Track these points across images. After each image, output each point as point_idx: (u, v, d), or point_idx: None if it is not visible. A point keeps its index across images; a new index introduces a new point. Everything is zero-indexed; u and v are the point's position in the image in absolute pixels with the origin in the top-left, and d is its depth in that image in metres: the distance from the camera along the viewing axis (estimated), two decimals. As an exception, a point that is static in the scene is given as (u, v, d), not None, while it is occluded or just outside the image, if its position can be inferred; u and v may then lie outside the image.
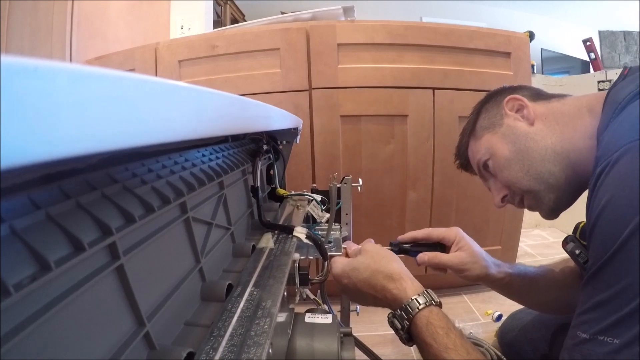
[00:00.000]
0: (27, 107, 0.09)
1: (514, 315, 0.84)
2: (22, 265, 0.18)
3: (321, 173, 1.18)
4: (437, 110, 1.18)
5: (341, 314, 0.86)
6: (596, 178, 0.38)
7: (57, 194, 0.23)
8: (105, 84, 0.13)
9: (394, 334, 0.48)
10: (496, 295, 0.70)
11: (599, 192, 0.37)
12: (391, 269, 0.49)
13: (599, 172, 0.38)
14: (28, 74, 0.09)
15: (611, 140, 0.39)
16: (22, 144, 0.09)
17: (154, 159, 0.36)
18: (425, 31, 1.18)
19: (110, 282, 0.25)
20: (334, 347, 0.34)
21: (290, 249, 0.49)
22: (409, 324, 0.44)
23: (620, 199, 0.35)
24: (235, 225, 0.51)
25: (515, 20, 3.07)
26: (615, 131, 0.40)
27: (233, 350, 0.27)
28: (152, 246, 0.30)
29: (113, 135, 0.13)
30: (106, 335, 0.23)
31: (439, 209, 1.24)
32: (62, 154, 0.11)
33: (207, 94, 0.22)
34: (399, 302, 0.46)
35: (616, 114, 0.41)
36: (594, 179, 0.39)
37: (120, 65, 1.35)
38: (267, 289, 0.37)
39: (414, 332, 0.44)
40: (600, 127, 0.44)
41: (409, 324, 0.44)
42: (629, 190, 0.34)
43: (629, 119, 0.39)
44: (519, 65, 1.24)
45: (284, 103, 1.15)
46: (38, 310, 0.18)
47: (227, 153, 0.56)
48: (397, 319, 0.45)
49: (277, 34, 1.16)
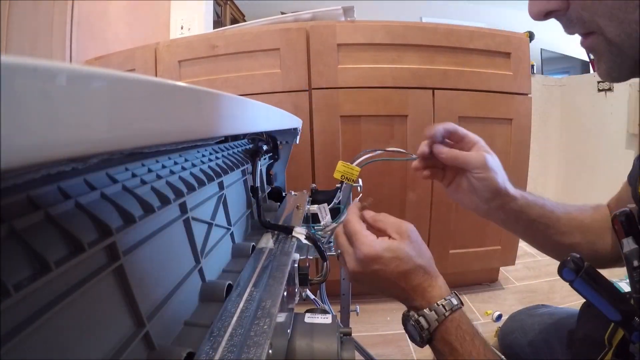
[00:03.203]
0: (27, 107, 0.09)
1: (513, 317, 0.84)
2: (22, 265, 0.18)
3: (321, 173, 1.19)
4: (437, 110, 1.18)
5: (341, 314, 0.86)
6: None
7: (57, 194, 0.23)
8: (105, 84, 0.13)
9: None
10: (496, 295, 0.69)
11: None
12: (431, 265, 0.44)
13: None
14: (28, 74, 0.09)
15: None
16: (22, 144, 0.09)
17: (153, 159, 0.36)
18: (425, 31, 1.18)
19: (110, 282, 0.25)
20: (334, 347, 0.34)
21: (289, 249, 0.49)
22: (438, 324, 0.41)
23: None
24: (235, 226, 0.51)
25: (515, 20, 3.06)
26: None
27: (233, 350, 0.27)
28: (151, 246, 0.30)
29: (113, 135, 0.13)
30: (106, 335, 0.23)
31: (439, 209, 1.24)
32: (62, 154, 0.11)
33: (207, 94, 0.22)
34: (430, 301, 0.42)
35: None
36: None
37: (120, 65, 1.35)
38: (267, 289, 0.37)
39: (440, 333, 0.41)
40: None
41: (437, 325, 0.41)
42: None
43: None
44: (518, 65, 1.24)
45: (284, 103, 1.15)
46: (38, 310, 0.18)
47: (227, 153, 0.56)
48: (425, 318, 0.42)
49: (277, 34, 1.16)
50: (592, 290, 0.40)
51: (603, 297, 0.39)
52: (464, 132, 0.55)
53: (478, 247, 1.30)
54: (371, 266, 0.43)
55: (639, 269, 0.40)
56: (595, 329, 0.47)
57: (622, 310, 0.38)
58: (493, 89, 1.22)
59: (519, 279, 1.51)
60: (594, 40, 0.39)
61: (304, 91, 1.16)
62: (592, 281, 0.40)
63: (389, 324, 1.11)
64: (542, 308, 0.80)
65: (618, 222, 0.42)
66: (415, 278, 0.43)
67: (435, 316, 0.41)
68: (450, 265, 1.26)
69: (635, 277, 0.41)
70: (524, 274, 1.57)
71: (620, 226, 0.42)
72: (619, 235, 0.42)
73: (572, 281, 0.40)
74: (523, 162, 1.31)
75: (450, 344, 0.40)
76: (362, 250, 0.43)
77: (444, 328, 0.41)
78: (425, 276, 0.43)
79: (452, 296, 0.42)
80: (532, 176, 1.72)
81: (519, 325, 0.79)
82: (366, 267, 0.43)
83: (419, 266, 0.43)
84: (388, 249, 0.43)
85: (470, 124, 1.22)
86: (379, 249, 0.42)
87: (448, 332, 0.40)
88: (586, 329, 0.53)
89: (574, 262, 0.41)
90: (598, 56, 0.40)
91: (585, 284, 0.40)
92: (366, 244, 0.43)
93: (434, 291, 0.43)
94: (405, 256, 0.43)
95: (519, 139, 1.27)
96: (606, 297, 0.39)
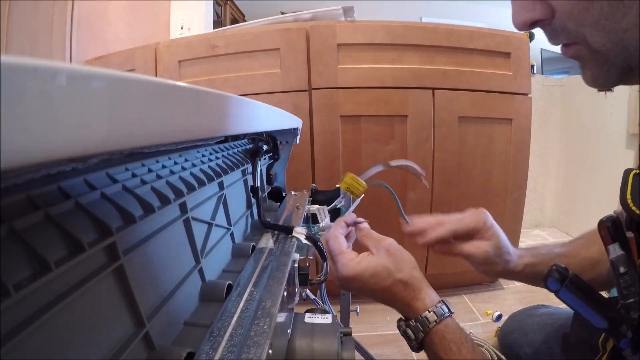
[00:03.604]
0: (27, 107, 0.09)
1: (513, 317, 0.84)
2: (22, 265, 0.18)
3: (321, 173, 1.19)
4: (437, 110, 1.18)
5: (341, 314, 0.86)
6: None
7: (57, 194, 0.23)
8: (105, 84, 0.13)
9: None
10: (496, 295, 0.69)
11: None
12: (412, 277, 0.45)
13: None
14: (28, 74, 0.09)
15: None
16: (22, 144, 0.09)
17: (153, 159, 0.36)
18: (425, 31, 1.18)
19: (110, 282, 0.25)
20: (334, 347, 0.34)
21: (289, 249, 0.49)
22: (424, 335, 0.42)
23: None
24: (235, 225, 0.51)
25: (515, 20, 3.06)
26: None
27: (233, 350, 0.27)
28: (151, 246, 0.30)
29: (113, 135, 0.13)
30: (106, 335, 0.23)
31: (439, 209, 1.23)
32: (62, 154, 0.11)
33: (207, 94, 0.22)
34: (415, 313, 0.43)
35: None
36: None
37: (120, 65, 1.35)
38: (267, 289, 0.37)
39: (428, 343, 0.43)
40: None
41: (423, 336, 0.42)
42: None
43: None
44: (518, 65, 1.24)
45: (284, 103, 1.15)
46: (38, 310, 0.18)
47: (227, 153, 0.56)
48: (411, 329, 0.43)
49: (277, 34, 1.16)
50: (578, 299, 0.39)
51: (589, 305, 0.39)
52: (465, 226, 0.58)
53: (478, 247, 1.30)
54: (352, 284, 0.45)
55: (625, 276, 0.39)
56: (589, 334, 0.47)
57: (608, 318, 0.38)
58: (493, 89, 1.22)
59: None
60: (578, 49, 0.39)
61: (304, 91, 1.16)
62: (577, 290, 0.39)
63: (389, 324, 1.11)
64: (542, 308, 0.80)
65: (604, 228, 0.41)
66: (397, 292, 0.44)
67: (420, 328, 0.42)
68: (450, 265, 1.25)
69: (622, 283, 0.40)
70: (524, 274, 1.57)
71: (606, 232, 0.41)
72: (605, 241, 0.41)
73: (557, 291, 0.40)
74: (523, 162, 1.31)
75: (436, 353, 0.41)
76: (342, 271, 0.45)
77: (429, 339, 0.42)
78: (406, 290, 0.44)
79: (439, 306, 0.43)
80: (532, 176, 1.72)
81: (518, 326, 0.79)
82: (348, 284, 0.46)
83: (398, 280, 0.44)
84: (366, 268, 0.44)
85: (470, 124, 1.22)
86: (357, 270, 0.44)
87: (433, 343, 0.42)
88: (580, 333, 0.53)
89: (558, 271, 0.40)
90: (583, 63, 0.40)
91: (570, 293, 0.39)
92: (345, 265, 0.45)
93: (417, 303, 0.44)
94: (383, 272, 0.44)
95: (519, 139, 1.27)
96: (592, 306, 0.39)
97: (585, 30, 0.35)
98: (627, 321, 0.37)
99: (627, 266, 0.39)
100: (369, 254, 0.46)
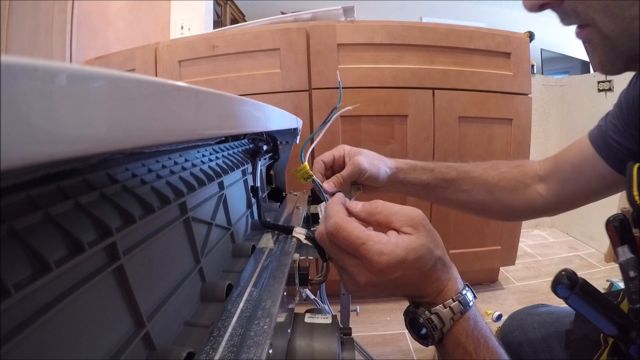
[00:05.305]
0: (27, 107, 0.09)
1: (513, 316, 0.84)
2: (22, 265, 0.18)
3: (321, 173, 1.18)
4: (437, 110, 1.18)
5: (341, 314, 0.86)
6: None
7: (57, 194, 0.23)
8: (105, 84, 0.13)
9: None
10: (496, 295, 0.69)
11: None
12: (445, 252, 0.38)
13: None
14: (28, 74, 0.09)
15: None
16: (22, 144, 0.09)
17: (153, 159, 0.36)
18: (425, 31, 1.18)
19: (110, 282, 0.25)
20: (334, 348, 0.34)
21: (290, 249, 0.49)
22: (453, 323, 0.36)
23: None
24: (235, 226, 0.51)
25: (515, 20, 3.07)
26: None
27: (233, 350, 0.27)
28: (152, 246, 0.30)
29: (113, 135, 0.13)
30: (106, 335, 0.23)
31: (439, 209, 1.24)
32: (62, 154, 0.11)
33: (207, 94, 0.22)
34: (446, 296, 0.37)
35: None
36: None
37: (120, 65, 1.35)
38: (267, 289, 0.37)
39: (454, 334, 0.36)
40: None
41: (452, 324, 0.36)
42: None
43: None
44: (518, 65, 1.24)
45: (284, 103, 1.15)
46: (38, 310, 0.18)
47: (227, 153, 0.56)
48: (438, 316, 0.36)
49: (277, 34, 1.16)
50: (588, 305, 0.38)
51: (599, 312, 0.37)
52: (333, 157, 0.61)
53: (478, 247, 1.30)
54: (393, 274, 0.35)
55: (635, 280, 0.37)
56: (591, 330, 0.47)
57: (618, 324, 0.37)
58: (493, 89, 1.22)
59: (519, 279, 1.51)
60: (589, 32, 0.38)
61: (304, 91, 1.16)
62: (587, 296, 0.37)
63: (389, 324, 1.11)
64: (542, 307, 0.80)
65: (612, 228, 0.39)
66: (434, 274, 0.37)
67: (451, 314, 0.36)
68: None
69: (632, 287, 0.37)
70: (524, 274, 1.57)
71: (614, 232, 0.38)
72: (613, 243, 0.39)
73: (566, 298, 0.38)
74: (523, 162, 1.31)
75: (464, 346, 0.35)
76: (381, 260, 0.34)
77: (459, 328, 0.36)
78: (443, 269, 0.37)
79: (467, 290, 0.37)
80: (532, 176, 1.72)
81: (518, 325, 0.79)
82: (387, 276, 0.35)
83: (438, 259, 0.37)
84: (410, 249, 0.35)
85: (470, 124, 1.22)
86: (402, 253, 0.34)
87: (461, 333, 0.35)
88: (582, 329, 0.53)
89: (568, 277, 0.38)
90: (593, 48, 0.40)
91: (580, 300, 0.37)
92: (383, 251, 0.34)
93: (451, 284, 0.37)
94: (426, 253, 0.36)
95: (519, 139, 1.28)
96: (602, 312, 0.37)
97: (595, 15, 0.36)
98: (637, 327, 0.36)
99: (637, 270, 0.37)
100: (398, 232, 0.37)
